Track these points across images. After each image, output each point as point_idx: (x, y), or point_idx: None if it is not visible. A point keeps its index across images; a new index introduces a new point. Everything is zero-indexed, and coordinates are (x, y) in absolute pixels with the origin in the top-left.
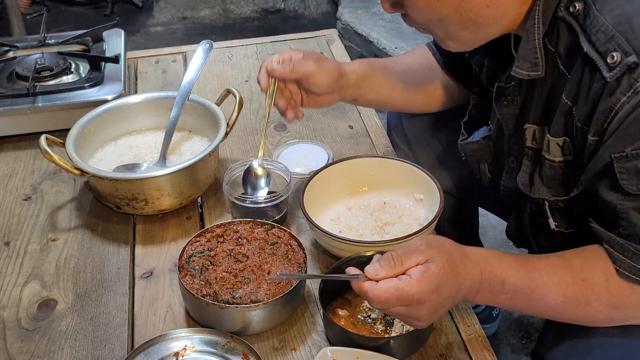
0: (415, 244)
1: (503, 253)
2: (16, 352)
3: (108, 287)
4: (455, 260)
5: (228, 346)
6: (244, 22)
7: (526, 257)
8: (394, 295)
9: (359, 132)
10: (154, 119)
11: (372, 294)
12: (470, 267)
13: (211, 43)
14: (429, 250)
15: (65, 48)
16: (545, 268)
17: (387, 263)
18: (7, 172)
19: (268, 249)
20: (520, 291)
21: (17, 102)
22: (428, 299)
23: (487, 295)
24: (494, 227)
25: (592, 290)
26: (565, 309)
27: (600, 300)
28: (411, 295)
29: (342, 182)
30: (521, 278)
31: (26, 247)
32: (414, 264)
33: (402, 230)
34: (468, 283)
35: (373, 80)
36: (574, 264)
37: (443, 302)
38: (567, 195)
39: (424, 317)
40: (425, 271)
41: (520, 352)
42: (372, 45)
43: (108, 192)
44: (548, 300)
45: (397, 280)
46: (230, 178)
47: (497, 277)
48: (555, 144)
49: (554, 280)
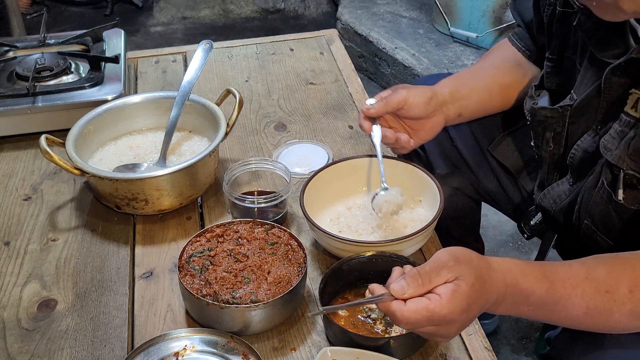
0: (443, 260)
1: (526, 263)
2: (16, 352)
3: (108, 287)
4: (483, 276)
5: (228, 346)
6: (244, 22)
7: (549, 268)
8: (424, 317)
9: (359, 132)
10: (154, 119)
11: (402, 316)
12: (497, 280)
13: (211, 43)
14: (457, 267)
15: (65, 48)
16: (570, 280)
17: (414, 281)
18: (7, 172)
19: (268, 249)
20: (543, 304)
21: (17, 102)
22: (459, 318)
23: (510, 306)
24: (494, 227)
25: (614, 301)
26: (586, 320)
27: (622, 312)
28: (443, 316)
29: (342, 182)
30: (545, 291)
31: (26, 247)
32: (443, 281)
33: (402, 230)
34: (494, 297)
35: (468, 90)
36: (597, 275)
37: (471, 317)
38: None
39: (452, 334)
40: (455, 290)
41: (520, 352)
42: (372, 45)
43: (108, 192)
44: (570, 312)
45: (427, 300)
46: (230, 178)
47: (521, 290)
48: None
49: (576, 293)
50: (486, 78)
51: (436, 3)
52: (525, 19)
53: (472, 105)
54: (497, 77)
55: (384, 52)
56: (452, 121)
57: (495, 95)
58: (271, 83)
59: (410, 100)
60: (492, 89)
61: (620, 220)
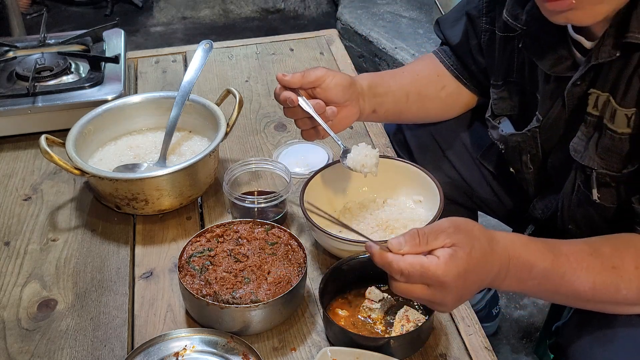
0: (443, 225)
1: (531, 238)
2: (16, 352)
3: (108, 287)
4: (483, 246)
5: (228, 346)
6: (244, 22)
7: (554, 243)
8: (418, 272)
9: (359, 132)
10: (154, 119)
11: (397, 266)
12: (499, 252)
13: (211, 43)
14: (456, 234)
15: (65, 48)
16: (574, 254)
17: (412, 239)
18: (7, 172)
19: (268, 249)
20: (548, 277)
21: (17, 102)
22: (454, 284)
23: (515, 281)
24: (493, 227)
25: (621, 277)
26: (594, 296)
27: (630, 288)
28: (437, 276)
29: (342, 182)
30: (550, 263)
31: (26, 247)
32: (440, 245)
33: (402, 230)
34: (496, 269)
35: (386, 88)
36: (603, 251)
37: (469, 287)
38: (619, 172)
39: (448, 302)
40: (453, 255)
41: (520, 352)
42: (372, 45)
43: (108, 192)
44: (576, 286)
45: (424, 257)
46: (230, 178)
47: (525, 263)
48: (623, 114)
49: (582, 267)
50: (404, 81)
51: (436, 3)
52: (451, 42)
53: (387, 103)
54: (416, 83)
55: (384, 52)
56: (366, 117)
57: (412, 101)
58: (271, 83)
59: (329, 79)
60: (409, 92)
61: (604, 220)
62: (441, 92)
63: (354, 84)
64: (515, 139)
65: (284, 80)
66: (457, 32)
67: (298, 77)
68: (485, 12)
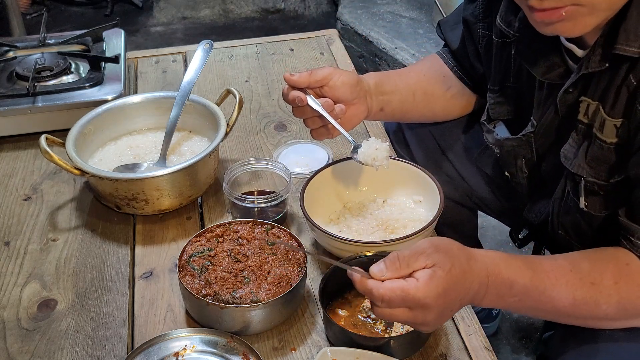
0: (423, 246)
1: (510, 255)
2: (16, 352)
3: (108, 287)
4: (462, 265)
5: (228, 346)
6: (244, 22)
7: (533, 260)
8: (399, 296)
9: (358, 132)
10: (154, 119)
11: (377, 293)
12: (478, 270)
13: (211, 43)
14: (436, 254)
15: (65, 48)
16: (554, 271)
17: (392, 264)
18: (7, 172)
19: (268, 249)
20: (528, 293)
21: (17, 102)
22: (435, 304)
23: (495, 298)
24: (494, 227)
25: (600, 293)
26: (574, 311)
27: (610, 303)
28: (417, 298)
29: (342, 181)
30: (529, 280)
31: (26, 247)
32: (421, 266)
33: (402, 230)
34: (475, 287)
35: (392, 87)
36: (582, 267)
37: (450, 306)
38: (606, 181)
39: (430, 322)
40: (432, 275)
41: (520, 352)
42: (372, 45)
43: (108, 192)
44: (556, 302)
45: (404, 281)
46: (230, 178)
47: (504, 280)
48: (612, 124)
49: (561, 282)
50: (411, 80)
51: (436, 3)
52: (451, 47)
53: (394, 102)
54: (422, 82)
55: (384, 52)
56: (374, 115)
57: (418, 100)
58: (271, 83)
59: (336, 78)
60: (415, 91)
61: (590, 228)
62: (447, 92)
63: (361, 82)
64: (511, 143)
65: (292, 80)
66: (456, 37)
67: (305, 76)
68: (482, 18)
